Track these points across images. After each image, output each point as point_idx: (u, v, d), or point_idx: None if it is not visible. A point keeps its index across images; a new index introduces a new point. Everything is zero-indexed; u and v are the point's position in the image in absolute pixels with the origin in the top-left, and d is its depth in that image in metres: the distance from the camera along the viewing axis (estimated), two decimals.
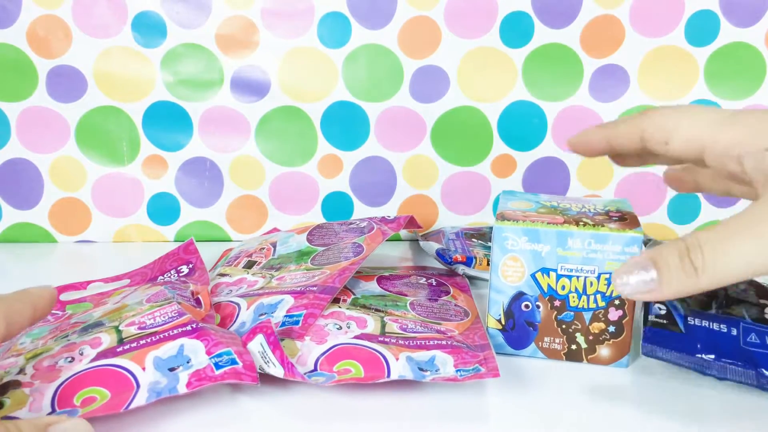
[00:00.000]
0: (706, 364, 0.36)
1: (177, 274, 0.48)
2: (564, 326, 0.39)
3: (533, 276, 0.39)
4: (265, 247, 0.52)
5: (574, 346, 0.39)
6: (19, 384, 0.33)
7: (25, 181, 0.59)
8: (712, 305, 0.40)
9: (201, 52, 0.57)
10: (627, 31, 0.57)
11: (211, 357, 0.35)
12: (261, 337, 0.36)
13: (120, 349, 0.35)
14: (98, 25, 0.56)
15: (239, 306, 0.42)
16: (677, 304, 0.40)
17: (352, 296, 0.45)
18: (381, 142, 0.60)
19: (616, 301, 0.38)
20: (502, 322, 0.40)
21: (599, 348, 0.39)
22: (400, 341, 0.38)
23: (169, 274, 0.49)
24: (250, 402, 0.35)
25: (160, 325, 0.37)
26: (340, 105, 0.59)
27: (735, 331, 0.37)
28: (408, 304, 0.44)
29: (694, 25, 0.57)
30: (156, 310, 0.39)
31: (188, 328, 0.37)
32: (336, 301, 0.43)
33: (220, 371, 0.34)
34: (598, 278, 0.38)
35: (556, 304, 0.39)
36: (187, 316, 0.38)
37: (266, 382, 0.36)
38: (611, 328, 0.39)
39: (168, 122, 0.59)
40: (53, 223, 0.61)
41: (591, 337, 0.39)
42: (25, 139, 0.59)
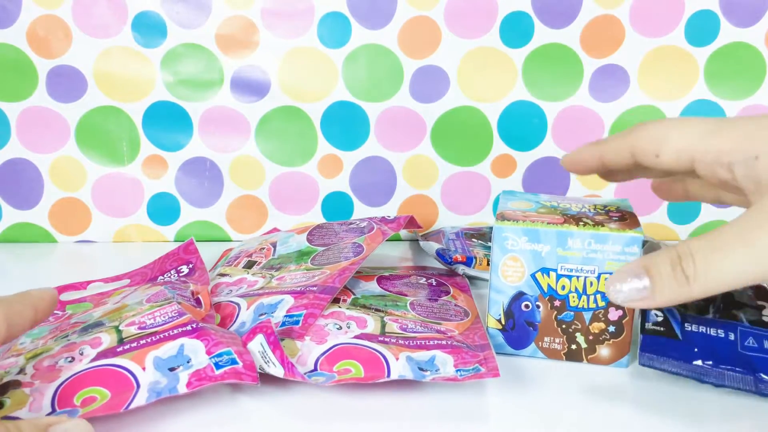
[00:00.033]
0: (704, 371, 0.36)
1: (177, 274, 0.48)
2: (564, 326, 0.39)
3: (533, 276, 0.39)
4: (265, 247, 0.52)
5: (574, 346, 0.39)
6: (19, 384, 0.33)
7: (25, 181, 0.59)
8: (710, 309, 0.40)
9: (201, 52, 0.57)
10: (627, 31, 0.57)
11: (211, 357, 0.35)
12: (261, 337, 0.36)
13: (120, 349, 0.35)
14: (98, 25, 0.56)
15: (239, 306, 0.42)
16: (674, 309, 0.39)
17: (352, 296, 0.45)
18: (381, 142, 0.60)
19: None
20: (502, 322, 0.40)
21: (599, 348, 0.39)
22: (400, 341, 0.38)
23: (169, 274, 0.49)
24: (250, 402, 0.35)
25: (160, 325, 0.37)
26: (340, 105, 0.59)
27: (732, 336, 0.37)
28: (408, 304, 0.44)
29: (694, 25, 0.57)
30: (156, 310, 0.39)
31: (188, 328, 0.37)
32: (336, 301, 0.43)
33: (220, 371, 0.34)
34: (598, 278, 0.38)
35: (556, 304, 0.39)
36: (187, 316, 0.38)
37: (266, 382, 0.36)
38: (611, 328, 0.39)
39: (168, 122, 0.59)
40: (53, 223, 0.61)
41: (591, 337, 0.39)
42: (25, 139, 0.59)
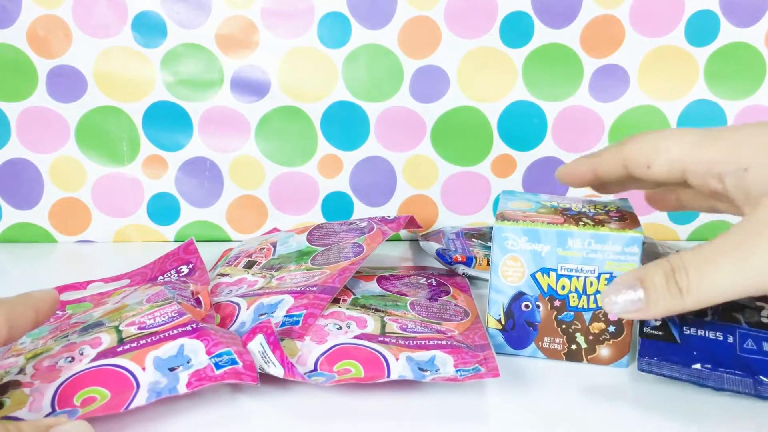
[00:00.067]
0: (703, 375, 0.36)
1: (177, 274, 0.48)
2: (564, 326, 0.39)
3: (533, 276, 0.39)
4: (265, 247, 0.52)
5: (574, 346, 0.39)
6: (19, 384, 0.33)
7: (25, 181, 0.59)
8: (708, 312, 0.40)
9: (201, 52, 0.57)
10: (627, 31, 0.57)
11: (211, 357, 0.35)
12: (261, 337, 0.36)
13: (120, 349, 0.35)
14: (98, 25, 0.56)
15: (239, 306, 0.42)
16: None
17: (352, 296, 0.45)
18: (381, 142, 0.60)
19: None
20: (502, 322, 0.40)
21: (599, 348, 0.39)
22: (400, 341, 0.38)
23: (169, 274, 0.49)
24: (250, 402, 0.35)
25: (160, 325, 0.37)
26: (340, 105, 0.59)
27: (731, 339, 0.37)
28: (408, 304, 0.44)
29: (694, 25, 0.57)
30: (156, 310, 0.39)
31: (188, 328, 0.37)
32: (336, 301, 0.43)
33: (220, 371, 0.34)
34: (598, 278, 0.38)
35: (556, 304, 0.39)
36: (187, 316, 0.38)
37: (266, 382, 0.36)
38: (611, 328, 0.39)
39: (168, 122, 0.59)
40: (53, 223, 0.61)
41: (591, 337, 0.39)
42: (25, 139, 0.59)
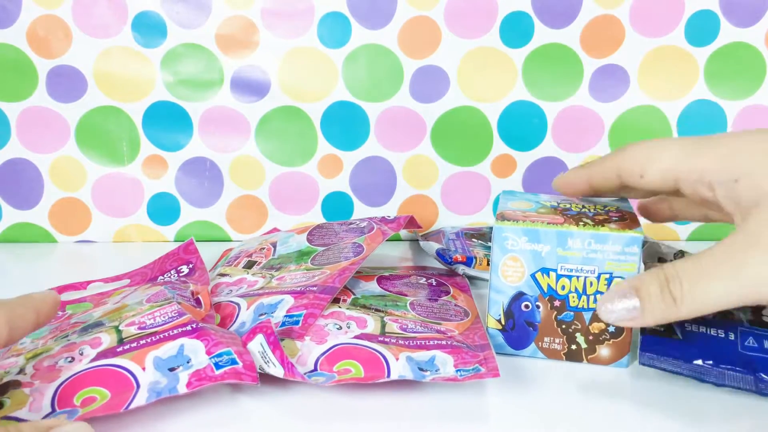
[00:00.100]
0: (704, 371, 0.36)
1: (177, 274, 0.48)
2: (564, 326, 0.39)
3: (533, 276, 0.39)
4: (265, 247, 0.52)
5: (574, 346, 0.39)
6: (19, 384, 0.33)
7: (25, 181, 0.59)
8: None
9: (201, 52, 0.57)
10: (627, 31, 0.57)
11: (211, 357, 0.35)
12: (261, 337, 0.36)
13: (120, 349, 0.35)
14: (98, 25, 0.56)
15: (239, 306, 0.42)
16: None
17: (352, 296, 0.45)
18: (381, 142, 0.60)
19: None
20: (502, 322, 0.40)
21: (599, 348, 0.39)
22: (400, 341, 0.38)
23: (169, 274, 0.49)
24: (250, 402, 0.35)
25: (160, 325, 0.37)
26: (340, 105, 0.59)
27: (733, 336, 0.37)
28: (408, 304, 0.44)
29: (694, 25, 0.57)
30: (156, 310, 0.39)
31: (188, 328, 0.37)
32: (336, 301, 0.43)
33: (220, 371, 0.34)
34: (598, 278, 0.38)
35: (556, 304, 0.39)
36: (187, 316, 0.38)
37: (266, 382, 0.36)
38: (611, 328, 0.39)
39: (168, 122, 0.59)
40: (53, 223, 0.61)
41: (591, 337, 0.39)
42: (25, 139, 0.59)
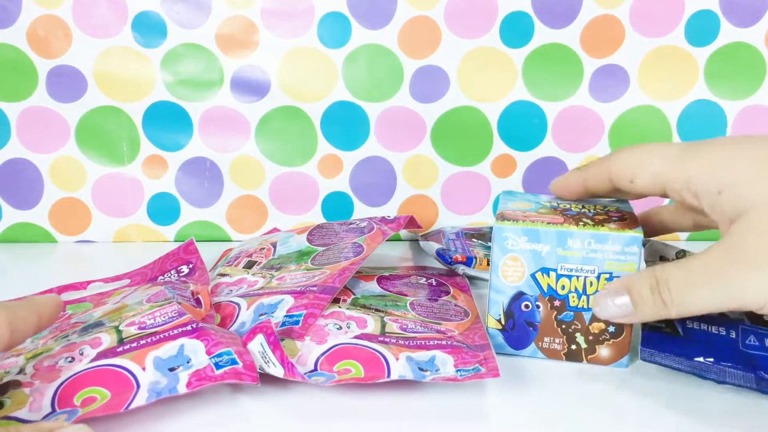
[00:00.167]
0: (705, 367, 0.36)
1: (177, 274, 0.48)
2: (564, 326, 0.39)
3: (533, 276, 0.39)
4: (265, 247, 0.52)
5: (574, 346, 0.39)
6: (19, 384, 0.33)
7: (25, 181, 0.59)
8: None
9: (201, 52, 0.57)
10: (627, 31, 0.57)
11: (211, 357, 0.35)
12: (261, 337, 0.36)
13: (120, 349, 0.35)
14: (98, 25, 0.56)
15: (239, 306, 0.42)
16: None
17: (352, 296, 0.45)
18: (381, 142, 0.60)
19: None
20: (502, 322, 0.40)
21: (599, 348, 0.39)
22: (400, 341, 0.38)
23: (169, 274, 0.49)
24: (250, 402, 0.35)
25: (160, 325, 0.37)
26: (340, 105, 0.59)
27: (734, 334, 0.37)
28: (408, 304, 0.44)
29: (694, 25, 0.57)
30: (156, 310, 0.39)
31: (188, 328, 0.37)
32: (336, 301, 0.43)
33: (220, 371, 0.34)
34: (598, 278, 0.38)
35: (556, 304, 0.39)
36: (187, 316, 0.38)
37: (266, 382, 0.36)
38: (611, 328, 0.39)
39: (168, 122, 0.59)
40: (53, 223, 0.61)
41: (591, 337, 0.39)
42: (25, 139, 0.59)
